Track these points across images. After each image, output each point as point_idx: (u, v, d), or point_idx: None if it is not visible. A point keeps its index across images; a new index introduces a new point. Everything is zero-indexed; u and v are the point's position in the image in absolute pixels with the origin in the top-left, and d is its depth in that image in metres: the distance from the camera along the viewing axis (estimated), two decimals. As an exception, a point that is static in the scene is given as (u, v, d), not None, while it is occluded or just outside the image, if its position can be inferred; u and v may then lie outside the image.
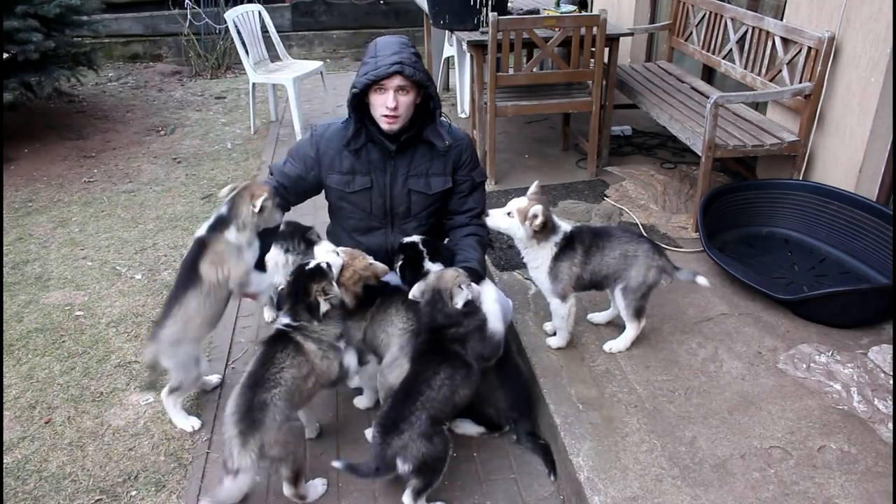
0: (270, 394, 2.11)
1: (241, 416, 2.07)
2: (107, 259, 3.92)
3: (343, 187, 2.64)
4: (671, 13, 5.01)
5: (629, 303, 2.67)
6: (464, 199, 2.73)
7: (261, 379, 2.14)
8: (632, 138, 5.09)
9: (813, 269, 3.28)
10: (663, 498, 2.09)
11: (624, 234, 2.73)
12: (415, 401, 2.16)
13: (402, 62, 2.37)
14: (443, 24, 4.53)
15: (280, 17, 8.40)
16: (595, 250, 2.65)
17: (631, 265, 2.64)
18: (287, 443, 2.11)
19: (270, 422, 2.07)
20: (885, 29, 3.06)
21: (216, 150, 5.60)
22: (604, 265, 2.65)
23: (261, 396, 2.09)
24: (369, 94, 2.45)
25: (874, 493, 2.08)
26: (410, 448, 2.11)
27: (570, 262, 2.62)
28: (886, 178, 3.28)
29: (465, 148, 2.69)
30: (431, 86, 2.49)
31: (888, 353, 2.61)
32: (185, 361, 2.55)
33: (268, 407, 2.08)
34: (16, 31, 4.97)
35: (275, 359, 2.19)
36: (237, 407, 2.10)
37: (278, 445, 2.08)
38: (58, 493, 2.39)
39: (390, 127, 2.48)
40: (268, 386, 2.12)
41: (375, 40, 2.51)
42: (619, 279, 2.67)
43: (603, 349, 2.76)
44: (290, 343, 2.25)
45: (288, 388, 2.15)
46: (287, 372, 2.18)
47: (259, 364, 2.20)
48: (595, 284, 2.72)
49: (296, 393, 2.19)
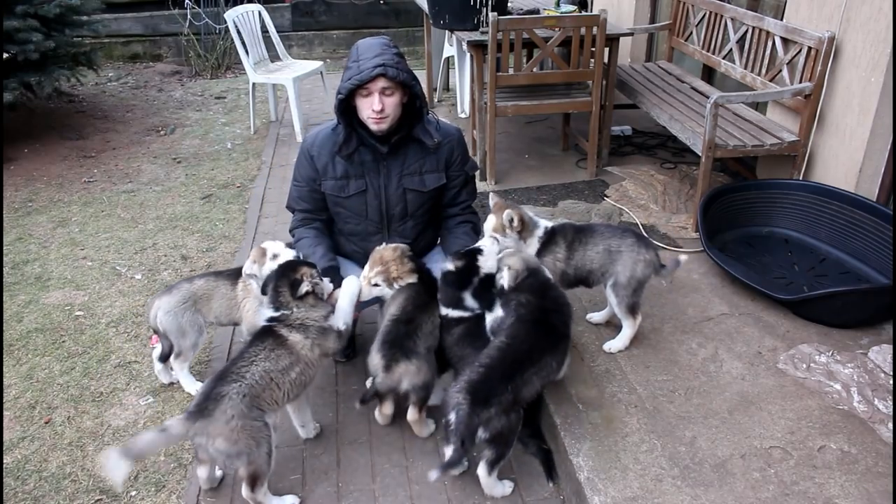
0: (229, 387, 2.10)
1: (195, 403, 2.09)
2: (107, 259, 3.92)
3: (338, 192, 2.65)
4: (671, 13, 5.01)
5: (621, 299, 2.68)
6: (457, 193, 2.77)
7: (226, 372, 2.16)
8: (632, 138, 5.09)
9: (813, 269, 3.27)
10: (663, 498, 2.09)
11: (608, 229, 2.74)
12: (509, 382, 2.18)
13: (384, 64, 2.37)
14: (443, 24, 4.53)
15: (280, 17, 8.40)
16: (578, 246, 2.67)
17: (615, 260, 2.65)
18: (236, 440, 2.07)
19: (219, 414, 2.05)
20: (885, 29, 3.06)
21: (216, 150, 5.60)
22: (587, 260, 2.67)
23: (219, 388, 2.10)
24: (355, 97, 2.46)
25: (874, 493, 2.08)
26: (493, 421, 2.14)
27: (552, 257, 2.66)
28: (886, 178, 3.28)
29: (457, 143, 2.71)
30: (416, 85, 2.50)
31: (888, 353, 2.61)
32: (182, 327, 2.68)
33: (222, 399, 2.07)
34: (16, 31, 4.97)
35: (246, 353, 2.21)
36: (197, 395, 2.14)
37: (221, 439, 2.05)
38: (58, 493, 2.39)
39: (379, 127, 2.48)
40: (229, 379, 2.12)
41: (357, 43, 2.51)
42: (606, 274, 2.68)
43: (603, 349, 2.76)
44: (269, 337, 2.25)
45: (252, 384, 2.13)
46: (257, 366, 2.17)
47: (232, 359, 2.23)
48: (582, 280, 2.73)
49: (267, 388, 2.17)
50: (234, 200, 4.63)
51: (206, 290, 2.75)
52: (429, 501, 2.32)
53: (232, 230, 4.22)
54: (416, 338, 2.41)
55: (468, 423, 2.09)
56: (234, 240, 4.10)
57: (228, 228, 4.24)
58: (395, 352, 2.36)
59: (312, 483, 2.39)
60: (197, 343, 2.75)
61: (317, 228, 2.76)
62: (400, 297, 2.50)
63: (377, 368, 2.38)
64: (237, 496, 2.33)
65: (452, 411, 2.12)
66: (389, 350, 2.37)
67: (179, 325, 2.68)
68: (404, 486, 2.37)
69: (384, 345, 2.39)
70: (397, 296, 2.51)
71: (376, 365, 2.38)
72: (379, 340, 2.42)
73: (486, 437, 2.14)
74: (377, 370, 2.38)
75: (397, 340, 2.38)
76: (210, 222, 4.33)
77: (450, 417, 2.12)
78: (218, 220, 4.36)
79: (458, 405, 2.12)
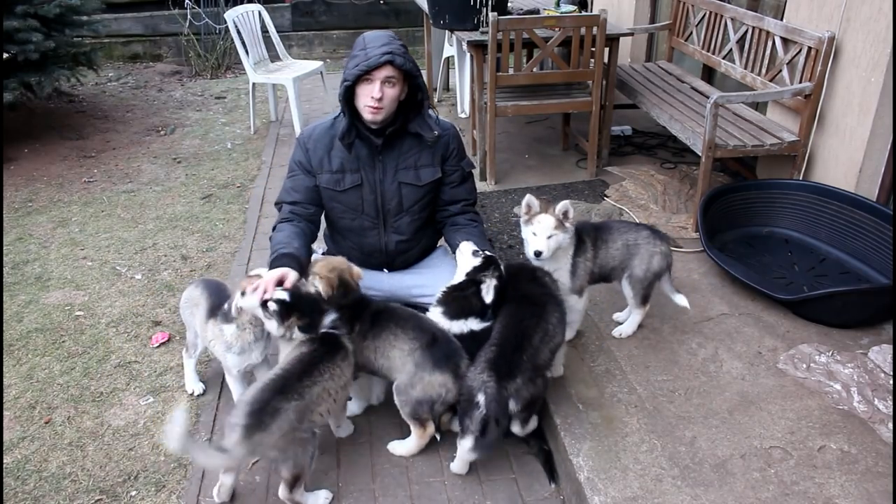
0: (289, 405, 2.06)
1: (249, 413, 2.02)
2: (107, 259, 3.92)
3: (333, 186, 2.65)
4: (671, 13, 5.01)
5: (637, 291, 2.74)
6: (455, 190, 2.76)
7: (287, 386, 2.09)
8: (632, 138, 5.09)
9: (813, 269, 3.27)
10: (663, 498, 2.09)
11: (622, 224, 2.81)
12: (522, 352, 2.22)
13: (392, 52, 2.39)
14: (443, 24, 4.53)
15: (280, 17, 8.40)
16: (601, 244, 2.71)
17: (633, 254, 2.70)
18: (286, 448, 2.07)
19: (276, 429, 2.03)
20: (885, 29, 3.06)
21: (216, 150, 5.60)
22: (609, 258, 2.71)
23: (277, 403, 2.04)
24: (358, 85, 2.46)
25: (874, 493, 2.08)
26: (522, 391, 2.19)
27: (584, 258, 2.68)
28: (886, 178, 3.28)
29: (452, 138, 2.72)
30: (419, 77, 2.51)
31: (888, 353, 2.61)
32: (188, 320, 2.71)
33: (278, 414, 2.04)
34: (16, 31, 4.97)
35: (316, 369, 2.16)
36: (249, 403, 2.06)
37: (275, 450, 2.06)
38: (58, 493, 2.39)
39: (373, 117, 2.48)
40: (290, 396, 2.07)
41: (362, 35, 2.51)
42: (624, 269, 2.73)
43: (602, 348, 2.76)
44: (339, 349, 2.24)
45: (310, 402, 2.11)
46: (319, 386, 2.14)
47: (297, 369, 2.15)
48: (604, 277, 2.77)
49: (324, 402, 2.16)
50: (234, 200, 4.63)
51: None
52: (429, 501, 2.32)
53: (232, 230, 4.22)
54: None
55: (499, 398, 2.11)
56: (234, 240, 4.10)
57: (228, 228, 4.24)
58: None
59: (312, 483, 2.38)
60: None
61: (301, 228, 2.62)
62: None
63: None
64: (238, 496, 2.33)
65: (480, 391, 2.14)
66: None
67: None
68: (404, 486, 2.37)
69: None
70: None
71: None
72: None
73: (518, 408, 2.18)
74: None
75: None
76: (210, 222, 4.33)
77: (478, 399, 2.14)
78: (218, 220, 4.36)
79: (485, 383, 2.14)
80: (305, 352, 2.22)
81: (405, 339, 2.35)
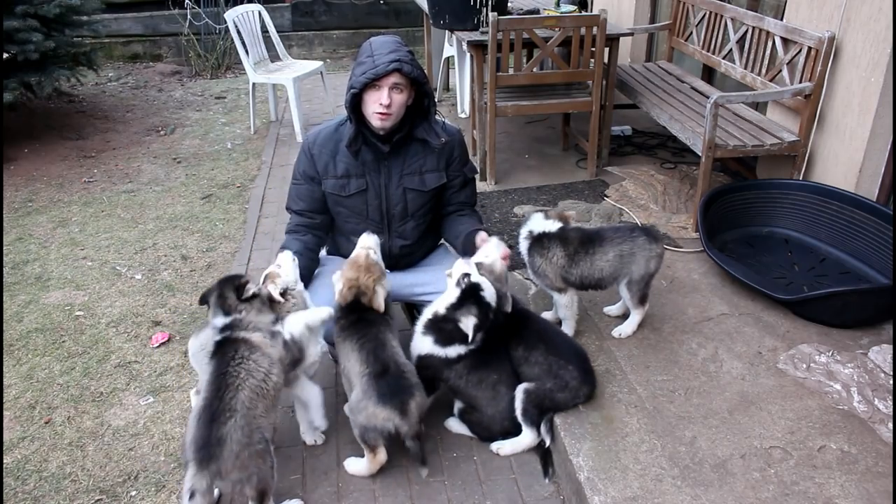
0: (227, 426, 1.99)
1: (198, 450, 1.97)
2: (107, 259, 3.92)
3: (339, 191, 2.65)
4: (671, 13, 5.01)
5: (634, 293, 2.76)
6: (456, 194, 2.77)
7: (217, 411, 2.01)
8: (632, 138, 5.09)
9: (813, 269, 3.27)
10: (663, 498, 2.09)
11: (616, 234, 2.73)
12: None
13: (400, 59, 2.39)
14: (443, 24, 4.53)
15: (280, 17, 8.40)
16: (582, 255, 2.68)
17: (629, 263, 2.70)
18: (246, 465, 2.01)
19: (228, 454, 1.98)
20: (885, 29, 3.06)
21: (216, 150, 5.60)
22: (596, 269, 2.69)
23: (217, 432, 1.98)
24: (365, 92, 2.46)
25: (874, 493, 2.08)
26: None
27: (549, 263, 2.70)
28: (886, 178, 3.28)
29: (457, 143, 2.72)
30: (427, 83, 2.51)
31: (888, 353, 2.61)
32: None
33: (224, 442, 1.98)
34: (16, 31, 4.97)
35: (228, 379, 2.07)
36: (195, 441, 1.99)
37: (235, 471, 2.00)
38: (58, 493, 2.39)
39: (382, 124, 2.48)
40: (223, 419, 2.00)
41: (369, 40, 2.51)
42: (620, 277, 2.73)
43: (601, 348, 2.76)
44: (238, 346, 2.14)
45: (245, 412, 2.04)
46: (243, 391, 2.07)
47: (213, 388, 2.06)
48: (595, 285, 2.76)
49: (259, 403, 2.09)
50: (234, 200, 4.64)
51: None
52: (429, 501, 2.32)
53: (232, 230, 4.22)
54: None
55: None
56: (234, 240, 4.10)
57: (228, 228, 4.24)
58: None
59: (312, 483, 2.39)
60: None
61: (305, 242, 2.66)
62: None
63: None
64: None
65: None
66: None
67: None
68: (404, 486, 2.37)
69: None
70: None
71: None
72: None
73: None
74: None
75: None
76: (210, 222, 4.33)
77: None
78: (218, 220, 4.36)
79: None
80: (211, 369, 2.14)
81: (356, 361, 2.31)
